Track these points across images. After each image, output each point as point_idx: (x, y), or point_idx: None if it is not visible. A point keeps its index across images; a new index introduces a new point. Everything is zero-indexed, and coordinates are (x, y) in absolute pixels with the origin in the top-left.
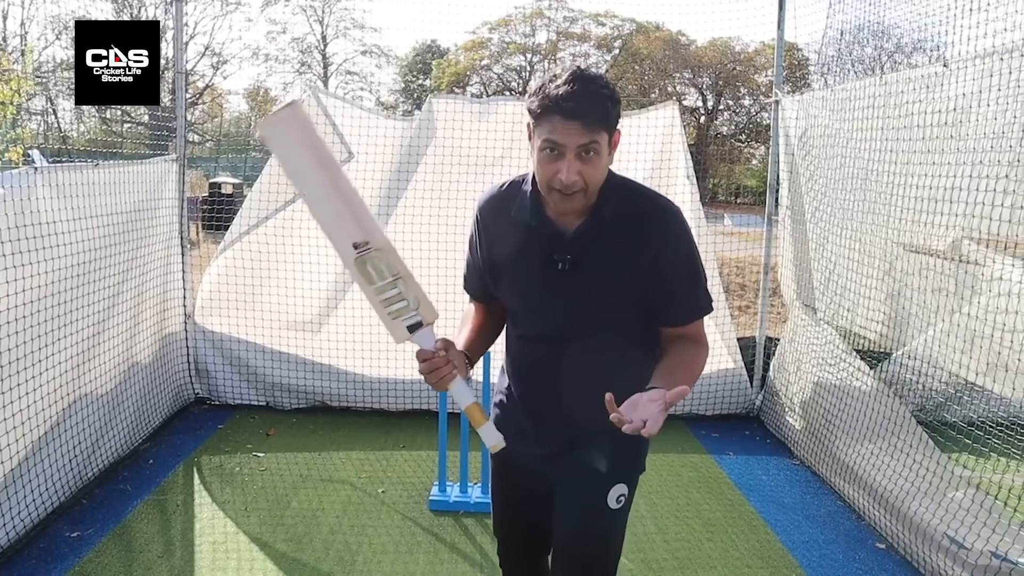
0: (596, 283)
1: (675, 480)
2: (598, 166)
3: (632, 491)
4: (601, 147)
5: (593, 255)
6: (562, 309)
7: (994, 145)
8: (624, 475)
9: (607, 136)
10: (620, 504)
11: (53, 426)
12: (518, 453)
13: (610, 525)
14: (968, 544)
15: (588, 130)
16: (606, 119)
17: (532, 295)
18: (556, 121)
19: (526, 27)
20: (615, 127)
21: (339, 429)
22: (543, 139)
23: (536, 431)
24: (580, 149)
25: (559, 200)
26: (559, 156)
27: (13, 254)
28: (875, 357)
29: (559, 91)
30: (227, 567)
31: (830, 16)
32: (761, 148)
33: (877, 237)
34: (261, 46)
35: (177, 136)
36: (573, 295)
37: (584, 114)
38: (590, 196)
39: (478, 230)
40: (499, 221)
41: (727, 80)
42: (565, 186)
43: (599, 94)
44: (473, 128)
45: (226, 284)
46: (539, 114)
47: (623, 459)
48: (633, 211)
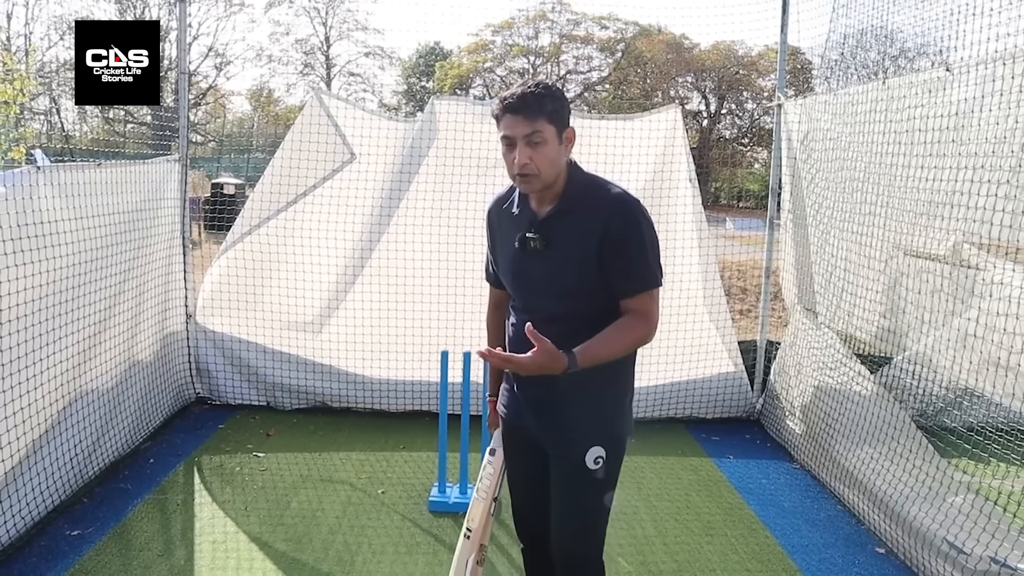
0: (561, 259)
1: (675, 483)
2: (545, 152)
3: (612, 455)
4: (545, 135)
5: (559, 236)
6: (536, 281)
7: (996, 150)
8: (598, 437)
9: (552, 128)
10: (599, 465)
11: (54, 424)
12: (519, 427)
13: (591, 485)
14: (967, 549)
15: (529, 121)
16: (543, 110)
17: (515, 269)
18: (507, 118)
19: (529, 30)
20: (562, 123)
21: (339, 430)
22: (501, 136)
23: (523, 397)
24: (527, 138)
25: (521, 184)
26: (512, 146)
27: (15, 253)
28: (876, 361)
29: (507, 95)
30: (227, 566)
31: (833, 20)
32: (763, 152)
33: (878, 241)
34: (264, 47)
35: (180, 136)
36: (543, 269)
37: (524, 108)
38: (546, 180)
39: (488, 225)
40: (499, 214)
41: (730, 84)
42: (520, 168)
43: (537, 93)
44: (475, 130)
45: (227, 284)
46: (498, 117)
47: (595, 422)
48: (591, 199)
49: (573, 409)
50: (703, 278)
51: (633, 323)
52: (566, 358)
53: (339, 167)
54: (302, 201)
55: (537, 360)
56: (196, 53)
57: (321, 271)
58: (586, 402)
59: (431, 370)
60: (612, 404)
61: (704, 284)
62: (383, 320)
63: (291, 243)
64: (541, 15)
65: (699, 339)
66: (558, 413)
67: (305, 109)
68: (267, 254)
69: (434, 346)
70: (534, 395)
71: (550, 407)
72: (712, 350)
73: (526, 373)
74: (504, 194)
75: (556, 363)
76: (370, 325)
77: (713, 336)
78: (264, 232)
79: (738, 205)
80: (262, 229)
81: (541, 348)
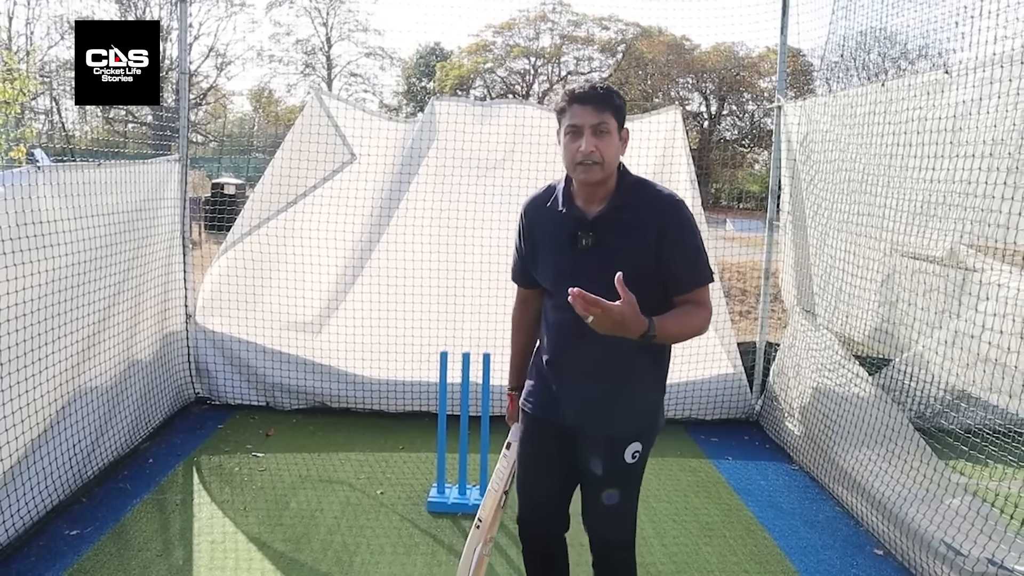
0: (612, 257)
1: (674, 484)
2: (610, 143)
3: (646, 450)
4: (611, 127)
5: (610, 234)
6: (587, 278)
7: (993, 152)
8: (639, 433)
9: (615, 122)
10: (635, 459)
11: (53, 424)
12: (547, 420)
13: (627, 478)
14: (965, 551)
15: (598, 111)
16: (611, 103)
17: (563, 267)
18: (574, 108)
19: (530, 31)
20: (622, 121)
21: (338, 430)
22: (566, 125)
23: (560, 392)
24: (594, 127)
25: (582, 172)
26: (578, 134)
27: (15, 252)
28: (874, 363)
29: (575, 89)
30: (225, 566)
31: (833, 22)
32: (764, 153)
33: (877, 242)
34: (265, 47)
35: (180, 136)
36: (593, 267)
37: (594, 99)
38: (607, 171)
39: (523, 225)
40: (539, 213)
41: (730, 85)
42: (585, 156)
43: (606, 88)
44: (475, 131)
45: (227, 284)
46: (562, 108)
47: (638, 419)
48: (643, 199)
49: (620, 407)
50: None
51: (697, 310)
52: (647, 321)
53: (339, 167)
54: (302, 201)
55: (624, 311)
56: (197, 53)
57: (321, 271)
58: (632, 401)
59: (430, 371)
60: (653, 403)
61: None
62: (382, 321)
63: (291, 243)
64: (542, 16)
65: (698, 340)
66: (604, 410)
67: (306, 109)
68: (267, 254)
69: (433, 347)
70: (578, 389)
71: (597, 403)
72: (711, 351)
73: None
74: (542, 194)
75: (638, 322)
76: (370, 326)
77: (712, 337)
78: (264, 232)
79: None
80: (262, 229)
81: (628, 300)
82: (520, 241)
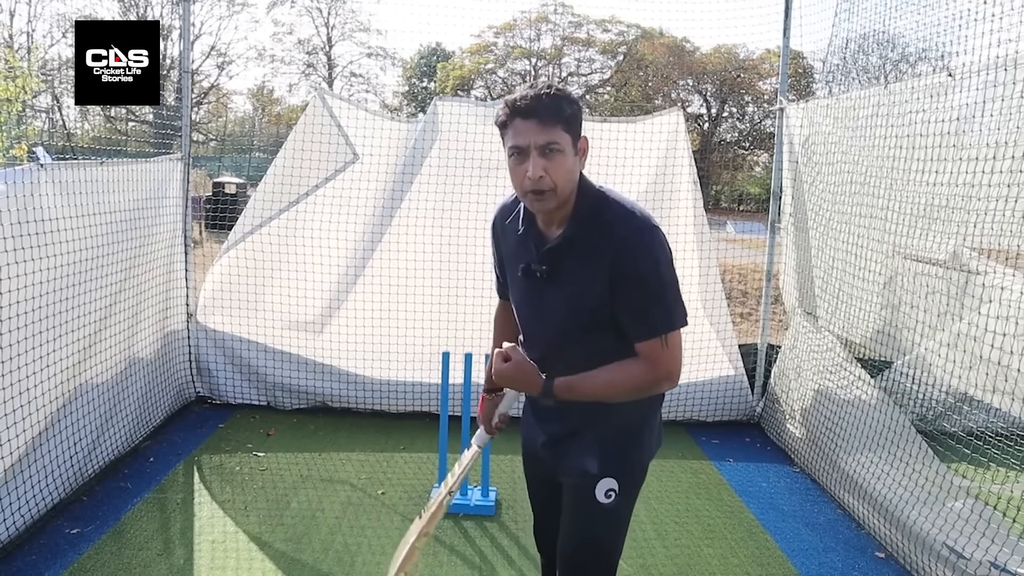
0: (566, 292)
1: (675, 486)
2: (561, 164)
3: (627, 486)
4: (562, 145)
5: (564, 266)
6: (541, 315)
7: (996, 155)
8: (611, 469)
9: (568, 136)
10: (610, 499)
11: (54, 422)
12: (534, 451)
13: (601, 520)
14: (967, 554)
15: (544, 128)
16: (560, 115)
17: (523, 298)
18: (517, 124)
19: (531, 32)
20: (578, 131)
21: (340, 430)
22: (509, 146)
23: (540, 426)
24: (541, 148)
25: (534, 202)
26: (524, 157)
27: (16, 250)
28: (876, 365)
29: (516, 98)
30: (226, 566)
31: (836, 25)
32: (764, 156)
33: (879, 244)
34: (267, 47)
35: (182, 135)
36: (548, 300)
37: (539, 112)
38: (562, 197)
39: (492, 237)
40: (505, 229)
41: (731, 87)
42: (533, 183)
43: (552, 95)
44: (477, 131)
45: (229, 284)
46: (504, 123)
47: (608, 454)
48: (599, 223)
49: (583, 442)
50: (704, 281)
51: (634, 368)
52: (542, 381)
53: (342, 167)
54: (304, 201)
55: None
56: (198, 52)
57: (323, 271)
58: (597, 437)
59: (432, 371)
60: (626, 437)
61: (705, 287)
62: (384, 321)
63: (293, 243)
64: (543, 17)
65: (700, 342)
66: (570, 445)
67: (308, 109)
68: (269, 254)
69: (435, 347)
70: (547, 427)
71: (562, 439)
72: (713, 353)
73: (498, 381)
74: (509, 203)
75: (529, 382)
76: (371, 325)
77: (713, 340)
78: (266, 232)
79: (739, 208)
80: (264, 229)
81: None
82: (494, 253)
